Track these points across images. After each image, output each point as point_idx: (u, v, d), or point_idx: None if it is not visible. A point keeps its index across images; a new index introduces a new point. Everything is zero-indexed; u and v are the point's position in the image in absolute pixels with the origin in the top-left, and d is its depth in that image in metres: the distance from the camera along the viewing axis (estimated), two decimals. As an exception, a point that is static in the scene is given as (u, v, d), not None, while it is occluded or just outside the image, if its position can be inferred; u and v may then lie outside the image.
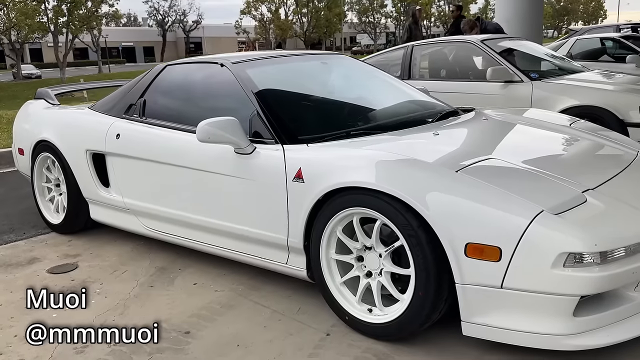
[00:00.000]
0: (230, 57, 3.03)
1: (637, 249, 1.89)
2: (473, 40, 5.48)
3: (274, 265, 2.57)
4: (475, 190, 1.97)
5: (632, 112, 4.43)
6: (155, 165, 2.97)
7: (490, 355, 2.05)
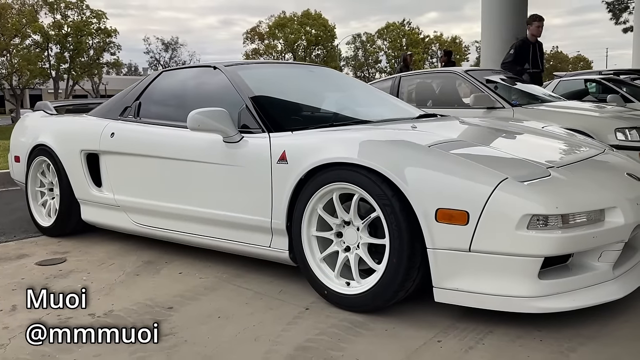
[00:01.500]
0: (224, 62, 3.23)
1: (598, 217, 2.01)
2: (457, 70, 5.76)
3: (258, 250, 2.66)
4: (445, 161, 2.10)
5: (609, 135, 4.62)
6: (146, 159, 3.10)
7: (461, 323, 2.12)
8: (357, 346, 1.97)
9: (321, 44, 52.91)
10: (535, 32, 6.41)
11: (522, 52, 6.40)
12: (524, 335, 1.99)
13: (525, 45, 6.43)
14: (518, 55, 6.39)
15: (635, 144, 4.50)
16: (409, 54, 11.47)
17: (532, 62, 6.43)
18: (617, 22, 32.79)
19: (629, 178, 2.33)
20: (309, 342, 2.02)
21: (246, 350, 1.97)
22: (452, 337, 2.01)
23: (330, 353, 1.93)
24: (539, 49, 6.51)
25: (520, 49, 6.40)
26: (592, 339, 1.95)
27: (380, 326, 2.13)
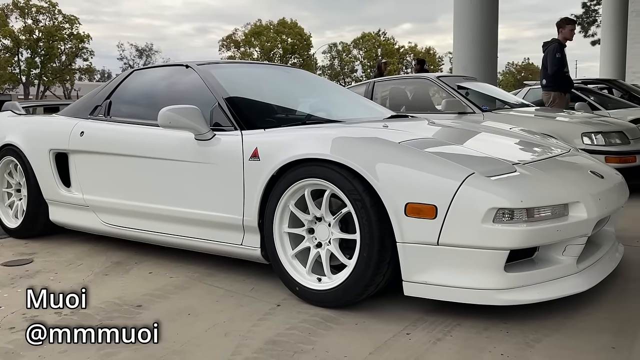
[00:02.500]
0: (196, 61, 3.22)
1: (562, 212, 2.06)
2: (430, 76, 5.85)
3: (230, 248, 2.64)
4: (414, 157, 2.14)
5: (575, 140, 4.75)
6: (116, 158, 3.06)
7: (430, 316, 2.15)
8: (328, 340, 1.98)
9: (297, 53, 53.10)
10: (568, 36, 6.22)
11: (564, 55, 6.20)
12: (491, 327, 2.02)
13: (563, 48, 6.23)
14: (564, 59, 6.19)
15: (601, 147, 4.64)
16: (383, 61, 11.63)
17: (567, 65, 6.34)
18: (585, 35, 33.79)
19: (593, 175, 2.40)
20: (279, 336, 2.02)
21: (216, 345, 1.96)
22: (421, 329, 2.03)
23: (301, 346, 1.93)
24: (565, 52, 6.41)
25: (562, 52, 6.17)
26: (557, 331, 1.99)
27: (351, 320, 2.14)
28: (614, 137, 4.79)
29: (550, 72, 6.20)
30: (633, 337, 1.93)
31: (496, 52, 7.75)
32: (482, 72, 7.60)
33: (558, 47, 6.13)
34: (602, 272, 2.28)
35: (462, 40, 7.75)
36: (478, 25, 7.61)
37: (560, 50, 6.14)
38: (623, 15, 14.38)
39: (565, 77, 6.20)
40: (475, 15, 7.58)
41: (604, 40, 14.86)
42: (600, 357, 1.79)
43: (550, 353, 1.82)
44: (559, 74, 6.15)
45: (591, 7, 32.58)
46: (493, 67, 7.71)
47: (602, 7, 15.02)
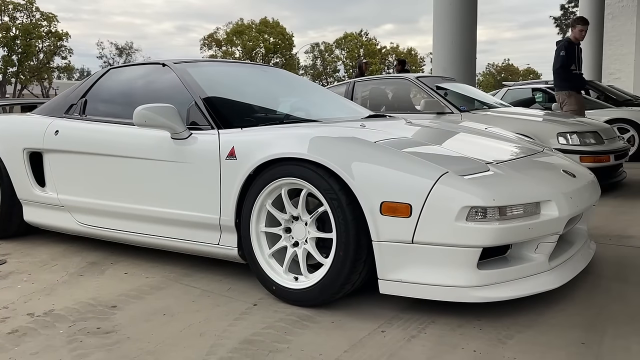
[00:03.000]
0: (173, 59, 3.20)
1: (534, 210, 2.10)
2: (409, 77, 5.89)
3: (206, 248, 2.63)
4: (390, 156, 2.15)
5: (551, 140, 4.83)
6: (92, 157, 3.03)
7: (405, 314, 2.16)
8: (303, 338, 1.98)
9: (279, 52, 52.99)
10: (578, 36, 6.18)
11: (570, 53, 6.12)
12: (465, 324, 2.05)
13: (572, 46, 6.16)
14: (569, 57, 6.10)
15: (575, 147, 4.72)
16: (364, 61, 11.68)
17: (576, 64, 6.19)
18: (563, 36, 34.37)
19: (565, 174, 2.44)
20: (255, 335, 2.01)
21: (190, 345, 1.95)
22: (396, 327, 2.05)
23: (276, 345, 1.93)
24: (579, 52, 6.30)
25: (568, 49, 6.12)
26: (529, 327, 2.02)
27: (327, 319, 2.15)
28: (589, 137, 4.88)
29: (553, 69, 6.23)
30: (602, 332, 1.97)
31: (475, 54, 7.82)
32: (461, 73, 7.66)
33: (565, 45, 6.13)
34: (574, 269, 2.32)
35: (442, 41, 7.80)
36: (457, 26, 7.67)
37: (567, 48, 6.10)
38: (599, 18, 14.65)
39: (573, 76, 6.14)
40: (454, 16, 7.64)
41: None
42: (570, 352, 1.83)
43: (522, 349, 1.85)
44: (563, 72, 6.12)
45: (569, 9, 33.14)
46: (472, 68, 7.78)
47: (579, 10, 15.25)
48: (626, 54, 19.80)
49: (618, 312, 2.14)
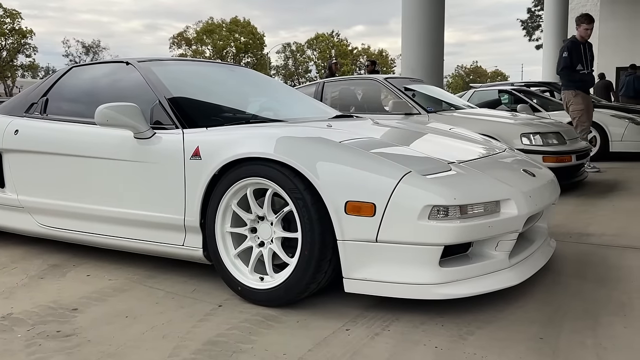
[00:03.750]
0: (137, 58, 3.15)
1: (494, 209, 2.14)
2: (378, 78, 5.94)
3: (171, 249, 2.60)
4: (354, 156, 2.17)
5: (515, 140, 4.94)
6: (53, 157, 2.96)
7: (369, 312, 2.18)
8: (268, 338, 1.98)
9: (250, 52, 52.73)
10: (583, 35, 6.04)
11: (574, 53, 5.95)
12: (427, 321, 2.08)
13: (576, 46, 6.00)
14: (572, 57, 5.95)
15: (538, 147, 4.84)
16: (334, 62, 11.72)
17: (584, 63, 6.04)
18: (530, 39, 35.14)
19: (524, 174, 2.50)
20: (219, 336, 2.00)
21: (153, 347, 1.93)
22: (360, 325, 2.07)
23: (240, 346, 1.92)
24: (588, 49, 6.12)
25: (572, 49, 5.96)
26: (489, 323, 2.06)
27: (292, 318, 2.15)
28: (551, 137, 5.00)
29: (557, 71, 6.14)
30: (560, 328, 2.02)
31: (442, 56, 7.95)
32: (429, 75, 7.78)
33: (568, 46, 6.01)
34: (534, 266, 2.38)
35: (410, 43, 7.90)
36: (425, 28, 7.78)
37: (571, 48, 5.97)
38: (563, 21, 15.05)
39: (580, 75, 6.02)
40: (422, 18, 7.75)
41: (546, 44, 15.49)
42: (529, 347, 1.87)
43: (482, 344, 1.89)
44: (568, 73, 6.03)
45: (535, 12, 33.91)
46: (439, 70, 7.90)
47: (544, 13, 15.65)
48: (589, 58, 20.36)
49: (575, 308, 2.20)
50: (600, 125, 7.64)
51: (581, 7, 20.63)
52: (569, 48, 6.02)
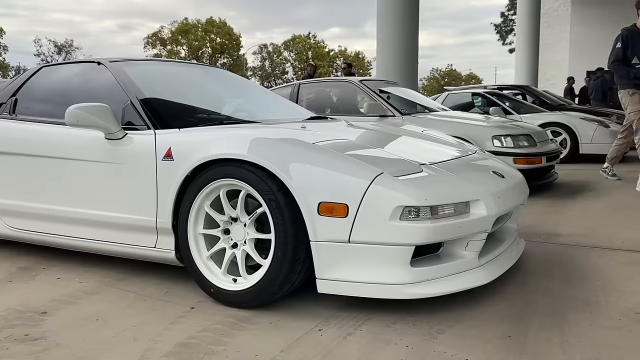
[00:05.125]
0: (109, 58, 3.11)
1: (464, 209, 2.18)
2: (353, 80, 5.97)
3: (143, 251, 2.58)
4: (327, 157, 2.18)
5: (487, 142, 5.02)
6: (22, 158, 2.91)
7: (342, 312, 2.20)
8: (240, 340, 1.98)
9: (227, 53, 52.44)
10: None
11: (631, 43, 5.03)
12: (399, 321, 2.10)
13: (635, 35, 5.04)
14: (627, 48, 5.05)
15: (509, 149, 4.93)
16: (310, 64, 11.78)
17: None
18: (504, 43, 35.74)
19: (494, 175, 2.55)
20: (191, 339, 1.99)
21: (123, 350, 1.91)
22: (333, 325, 2.08)
23: (212, 348, 1.92)
24: None
25: (627, 38, 5.03)
26: (459, 322, 2.10)
27: (266, 320, 2.15)
28: (522, 139, 5.10)
29: (608, 65, 5.30)
30: (528, 325, 2.07)
31: (417, 58, 8.03)
32: (404, 77, 7.86)
33: (624, 35, 5.12)
34: (503, 266, 2.42)
35: (385, 46, 7.97)
36: (399, 31, 7.86)
37: (626, 38, 5.07)
38: (535, 25, 15.36)
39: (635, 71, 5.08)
40: (396, 21, 7.83)
41: (518, 48, 15.77)
42: (497, 344, 1.91)
43: (452, 343, 1.92)
44: (621, 67, 5.15)
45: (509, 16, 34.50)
46: (414, 72, 7.99)
47: (517, 17, 15.94)
48: (560, 61, 20.84)
49: (543, 306, 2.25)
50: (570, 127, 7.82)
51: (553, 12, 21.10)
52: (623, 38, 5.08)
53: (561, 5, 20.96)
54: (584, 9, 19.90)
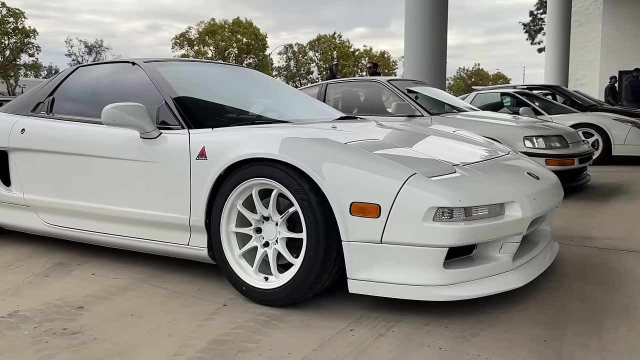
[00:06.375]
0: (143, 58, 3.17)
1: (498, 211, 2.15)
2: (381, 80, 5.95)
3: (176, 248, 2.61)
4: (360, 157, 2.18)
5: (518, 143, 4.95)
6: (59, 156, 2.98)
7: (373, 312, 2.19)
8: (272, 337, 1.99)
9: (253, 53, 52.77)
10: None
11: None
12: (431, 323, 2.09)
13: None
14: None
15: (541, 151, 4.85)
16: (335, 63, 11.75)
17: None
18: (532, 42, 35.12)
19: (529, 176, 2.51)
20: (224, 335, 2.02)
21: (158, 346, 1.94)
22: (364, 325, 2.08)
23: (245, 345, 1.93)
24: None
25: None
26: (493, 325, 2.07)
27: (297, 318, 2.16)
28: (554, 140, 5.01)
29: None
30: (563, 330, 2.03)
31: (445, 58, 7.95)
32: (432, 77, 7.79)
33: None
34: (537, 269, 2.38)
35: (413, 45, 7.91)
36: (428, 31, 7.79)
37: None
38: (566, 24, 15.06)
39: None
40: (425, 21, 7.76)
41: (548, 47, 15.49)
42: (532, 349, 1.88)
43: (486, 346, 1.90)
44: None
45: (538, 15, 33.89)
46: (442, 72, 7.91)
47: (547, 16, 15.65)
48: (592, 60, 20.38)
49: (579, 311, 2.21)
50: (603, 128, 7.65)
51: (584, 10, 20.65)
52: None
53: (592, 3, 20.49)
54: (616, 7, 19.42)
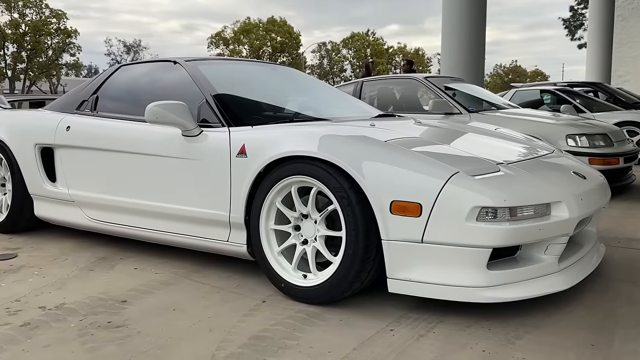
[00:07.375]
0: (184, 57, 3.21)
1: (544, 211, 2.09)
2: (417, 77, 5.88)
3: (216, 244, 2.64)
4: (400, 155, 2.15)
5: (560, 141, 4.82)
6: (103, 153, 3.05)
7: (413, 313, 2.17)
8: (312, 335, 1.99)
9: (286, 51, 53.03)
10: None
11: None
12: (473, 324, 2.05)
13: None
14: None
15: (584, 149, 4.71)
16: (370, 60, 11.69)
17: None
18: (572, 38, 34.15)
19: (575, 176, 2.44)
20: (264, 332, 2.03)
21: (200, 340, 1.97)
22: (404, 326, 2.05)
23: (285, 342, 1.94)
24: None
25: None
26: (537, 328, 2.02)
27: (336, 317, 2.16)
28: (598, 139, 4.86)
29: None
30: (611, 335, 1.96)
31: (483, 54, 7.81)
32: (469, 74, 7.65)
33: None
34: (583, 271, 2.31)
35: (450, 41, 7.79)
36: (466, 27, 7.66)
37: None
38: (609, 19, 14.58)
39: None
40: (464, 17, 7.63)
41: (590, 43, 15.04)
42: (579, 353, 1.83)
43: (531, 349, 1.85)
44: None
45: (578, 10, 32.94)
46: (480, 69, 7.77)
47: (589, 11, 15.19)
48: (636, 57, 19.65)
49: (627, 315, 2.14)
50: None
51: (628, 5, 19.94)
52: None
53: (638, -3, 19.77)
54: (664, 0, 18.68)
